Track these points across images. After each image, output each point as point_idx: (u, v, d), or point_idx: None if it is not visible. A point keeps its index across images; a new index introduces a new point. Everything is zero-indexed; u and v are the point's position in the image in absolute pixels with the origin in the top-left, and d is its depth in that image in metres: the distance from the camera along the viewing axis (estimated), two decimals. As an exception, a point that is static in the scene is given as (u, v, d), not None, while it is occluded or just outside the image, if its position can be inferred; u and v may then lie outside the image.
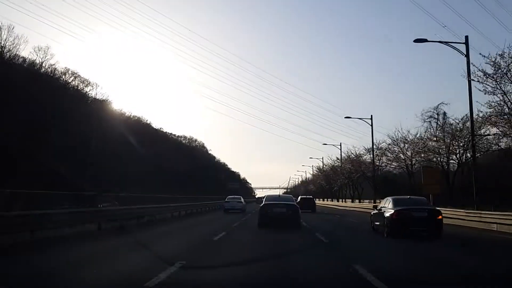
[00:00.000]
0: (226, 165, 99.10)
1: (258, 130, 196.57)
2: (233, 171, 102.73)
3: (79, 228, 12.82)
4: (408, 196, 15.05)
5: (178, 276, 6.25)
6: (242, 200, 34.76)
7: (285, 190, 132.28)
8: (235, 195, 36.82)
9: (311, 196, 40.73)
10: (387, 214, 13.10)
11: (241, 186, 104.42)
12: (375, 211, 15.27)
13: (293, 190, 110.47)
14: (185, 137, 74.59)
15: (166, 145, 51.26)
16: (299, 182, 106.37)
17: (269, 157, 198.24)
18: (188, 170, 53.36)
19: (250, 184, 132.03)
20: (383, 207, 14.09)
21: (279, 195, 21.55)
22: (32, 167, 18.06)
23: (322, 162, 65.56)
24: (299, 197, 38.13)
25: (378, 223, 14.40)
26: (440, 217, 12.93)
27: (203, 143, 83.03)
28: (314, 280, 6.33)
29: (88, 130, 26.52)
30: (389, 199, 14.24)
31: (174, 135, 69.13)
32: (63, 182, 16.59)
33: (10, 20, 36.14)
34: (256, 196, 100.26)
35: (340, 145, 50.86)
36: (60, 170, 16.23)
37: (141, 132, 41.20)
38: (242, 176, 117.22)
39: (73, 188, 16.68)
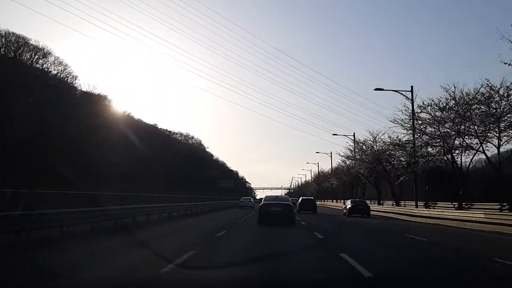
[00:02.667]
0: (225, 164, 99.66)
1: (259, 127, 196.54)
2: (231, 170, 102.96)
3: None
4: (358, 199, 35.59)
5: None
6: (252, 200, 56.13)
7: (287, 190, 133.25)
8: (247, 196, 60.55)
9: (312, 197, 42.04)
10: (347, 207, 32.04)
11: (239, 185, 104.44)
12: (344, 206, 35.31)
13: (298, 190, 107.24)
14: (180, 134, 75.44)
15: (156, 140, 50.66)
16: (308, 180, 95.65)
17: (271, 157, 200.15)
18: (183, 168, 53.83)
19: (250, 183, 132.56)
20: (347, 204, 33.27)
21: (276, 196, 24.86)
22: (33, 166, 19.17)
23: (354, 139, 43.29)
24: (300, 198, 39.43)
25: (344, 211, 32.68)
26: (369, 208, 31.51)
27: (200, 140, 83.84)
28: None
29: (78, 125, 27.16)
30: (349, 200, 34.45)
31: (170, 131, 69.76)
32: (60, 180, 17.56)
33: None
34: (257, 197, 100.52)
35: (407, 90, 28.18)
36: (59, 169, 17.19)
37: (130, 127, 41.24)
38: (240, 175, 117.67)
39: (70, 187, 17.66)
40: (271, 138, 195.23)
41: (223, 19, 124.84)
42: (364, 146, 40.22)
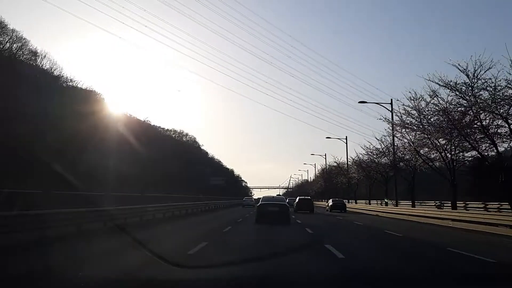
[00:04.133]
0: (221, 162, 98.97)
1: (258, 125, 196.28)
2: (226, 168, 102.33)
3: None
4: (337, 198, 45.67)
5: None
6: (253, 199, 66.65)
7: (285, 190, 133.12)
8: (249, 197, 76.90)
9: (309, 197, 42.25)
10: (329, 204, 43.08)
11: (234, 184, 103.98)
12: (326, 203, 47.14)
13: (298, 190, 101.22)
14: (174, 131, 75.42)
15: (149, 138, 49.65)
16: (312, 176, 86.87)
17: (268, 156, 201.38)
18: (175, 166, 53.53)
19: (246, 182, 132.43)
20: (329, 202, 44.27)
21: (273, 197, 27.03)
22: (31, 167, 19.63)
23: (391, 105, 29.83)
24: (297, 198, 39.91)
25: (327, 207, 43.78)
26: (345, 205, 42.70)
27: (195, 138, 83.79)
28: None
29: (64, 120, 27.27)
30: (330, 199, 45.53)
31: (163, 128, 69.63)
32: (57, 180, 17.95)
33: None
34: (254, 197, 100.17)
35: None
36: (56, 168, 17.57)
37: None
38: (236, 173, 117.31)
39: (66, 187, 18.04)
40: (270, 137, 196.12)
41: None
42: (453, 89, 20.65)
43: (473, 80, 19.44)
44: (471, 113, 20.13)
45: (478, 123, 20.27)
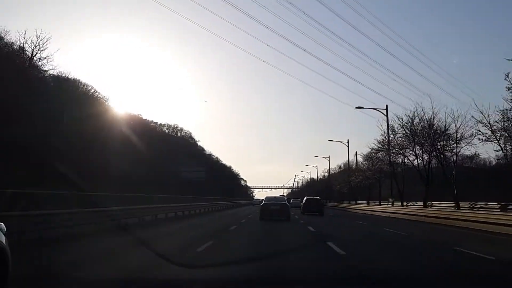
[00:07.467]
0: (219, 160, 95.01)
1: (259, 124, 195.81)
2: (224, 165, 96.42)
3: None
4: (317, 197, 39.29)
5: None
6: (261, 199, 68.89)
7: (289, 190, 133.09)
8: (257, 198, 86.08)
9: (318, 197, 38.46)
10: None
11: (233, 182, 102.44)
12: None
13: (307, 188, 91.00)
14: (168, 126, 72.34)
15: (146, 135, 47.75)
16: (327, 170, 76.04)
17: (271, 156, 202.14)
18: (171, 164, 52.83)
19: (246, 181, 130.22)
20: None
21: (275, 197, 30.39)
22: (35, 168, 20.17)
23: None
24: (305, 198, 38.03)
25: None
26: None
27: (190, 133, 79.99)
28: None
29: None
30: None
31: (156, 122, 67.18)
32: (61, 180, 18.39)
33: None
34: (255, 197, 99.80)
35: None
36: (60, 169, 18.08)
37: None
38: (235, 171, 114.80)
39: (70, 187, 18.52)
40: (271, 137, 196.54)
41: None
42: None
43: None
44: None
45: None
